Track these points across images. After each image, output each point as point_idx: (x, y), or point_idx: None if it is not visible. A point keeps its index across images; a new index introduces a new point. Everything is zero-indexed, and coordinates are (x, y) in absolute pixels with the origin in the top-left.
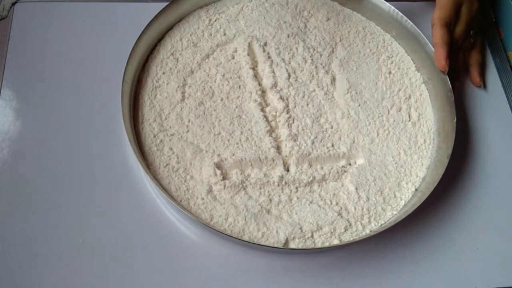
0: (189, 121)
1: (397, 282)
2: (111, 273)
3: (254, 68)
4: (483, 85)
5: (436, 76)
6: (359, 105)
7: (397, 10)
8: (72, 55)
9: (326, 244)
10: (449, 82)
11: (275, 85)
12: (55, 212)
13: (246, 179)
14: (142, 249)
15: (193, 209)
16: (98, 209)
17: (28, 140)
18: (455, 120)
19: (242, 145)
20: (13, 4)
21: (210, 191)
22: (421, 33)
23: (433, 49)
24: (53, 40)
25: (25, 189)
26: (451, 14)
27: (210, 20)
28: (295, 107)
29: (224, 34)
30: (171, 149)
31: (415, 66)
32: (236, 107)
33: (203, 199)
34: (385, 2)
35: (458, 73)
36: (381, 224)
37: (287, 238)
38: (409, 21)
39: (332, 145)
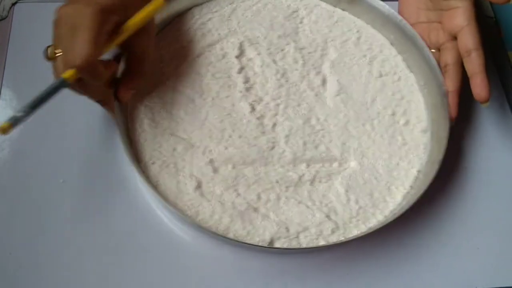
0: (179, 118)
1: (397, 282)
2: (111, 272)
3: (244, 68)
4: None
5: (432, 79)
6: (350, 107)
7: (395, 13)
8: None
9: (311, 245)
10: (444, 88)
11: (265, 85)
12: (55, 212)
13: (237, 177)
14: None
15: (179, 205)
16: (99, 209)
17: (28, 141)
18: (449, 124)
19: (234, 143)
20: (13, 4)
21: (199, 187)
22: (418, 36)
23: (429, 52)
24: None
25: (25, 189)
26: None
27: (203, 19)
28: (286, 107)
29: (218, 34)
30: (161, 144)
31: (410, 69)
32: (227, 105)
33: (191, 195)
34: (383, 4)
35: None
36: (369, 228)
37: (272, 238)
38: (407, 23)
39: (324, 147)
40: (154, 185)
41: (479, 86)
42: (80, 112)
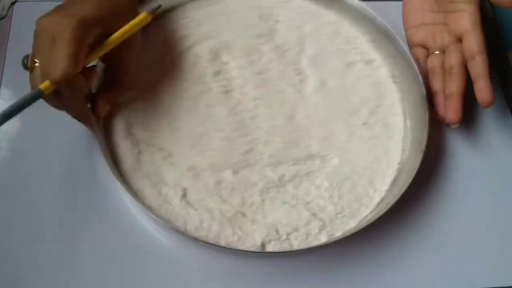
0: (155, 128)
1: (397, 282)
2: (111, 272)
3: (220, 71)
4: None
5: (408, 74)
6: (330, 103)
7: (369, 9)
8: None
9: (303, 246)
10: (421, 80)
11: (244, 87)
12: (55, 212)
13: (219, 182)
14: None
15: (166, 216)
16: (99, 209)
17: (28, 140)
18: (427, 113)
19: (213, 148)
20: (13, 3)
21: (184, 196)
22: (392, 31)
23: (405, 48)
24: None
25: (25, 189)
26: None
27: (174, 25)
28: (268, 107)
29: (190, 40)
30: (140, 156)
31: (387, 64)
32: (202, 111)
33: (177, 205)
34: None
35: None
36: (356, 224)
37: (263, 241)
38: (382, 19)
39: (304, 145)
40: (138, 196)
41: (483, 90)
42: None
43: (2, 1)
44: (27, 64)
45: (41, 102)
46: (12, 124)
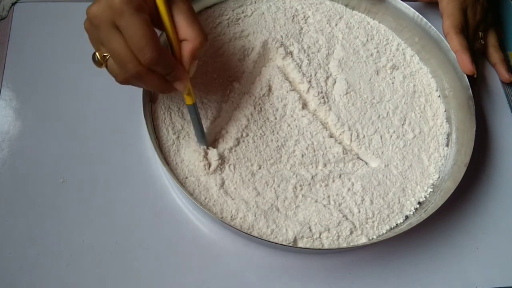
0: (189, 120)
1: (398, 282)
2: (111, 272)
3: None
4: None
5: (456, 83)
6: (359, 106)
7: (418, 13)
8: (72, 55)
9: (333, 246)
10: (470, 90)
11: (271, 86)
12: (55, 212)
13: (253, 175)
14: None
15: (204, 203)
16: (99, 209)
17: (28, 140)
18: (474, 128)
19: (243, 143)
20: (13, 4)
21: (222, 185)
22: (442, 36)
23: (455, 55)
24: (53, 40)
25: (25, 189)
26: (462, 20)
27: (214, 23)
28: (294, 107)
29: (222, 38)
30: (180, 146)
31: (430, 71)
32: (231, 107)
33: (216, 193)
34: (408, 6)
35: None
36: (386, 230)
37: (295, 237)
38: (432, 26)
39: (336, 147)
40: (181, 183)
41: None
42: (85, 113)
43: (3, 1)
44: (100, 60)
45: (40, 102)
46: (13, 124)
